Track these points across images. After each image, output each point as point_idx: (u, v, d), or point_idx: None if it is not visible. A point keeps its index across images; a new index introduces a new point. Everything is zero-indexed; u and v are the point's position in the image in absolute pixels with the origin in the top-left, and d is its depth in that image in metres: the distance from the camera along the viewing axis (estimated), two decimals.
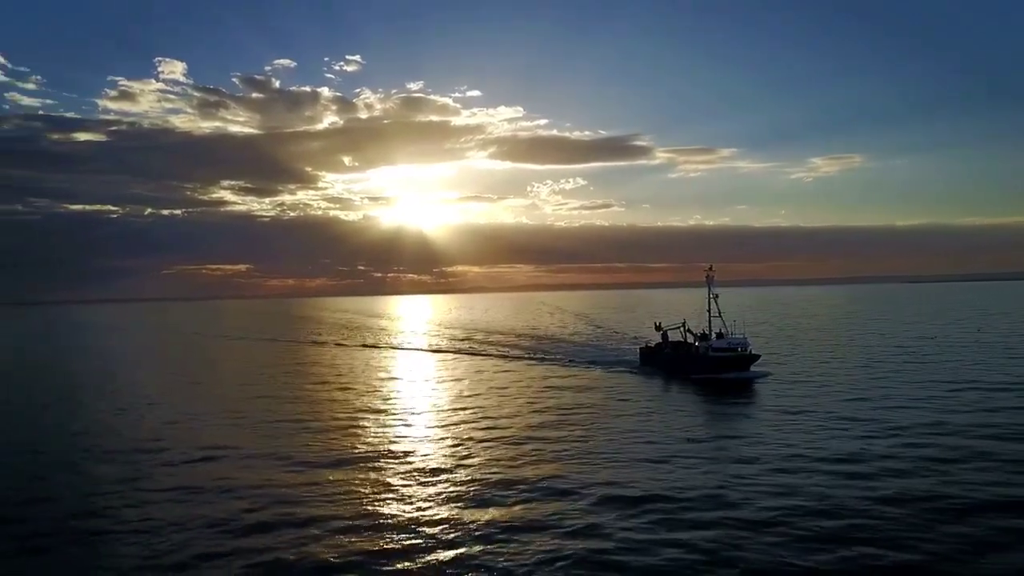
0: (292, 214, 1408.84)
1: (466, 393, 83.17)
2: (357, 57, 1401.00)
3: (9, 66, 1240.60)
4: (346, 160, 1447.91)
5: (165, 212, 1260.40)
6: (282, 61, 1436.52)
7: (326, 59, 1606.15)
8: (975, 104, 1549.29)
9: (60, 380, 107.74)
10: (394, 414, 70.40)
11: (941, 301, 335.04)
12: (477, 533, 35.45)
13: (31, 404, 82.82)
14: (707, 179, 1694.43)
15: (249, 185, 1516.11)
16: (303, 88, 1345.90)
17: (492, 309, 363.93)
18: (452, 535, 35.30)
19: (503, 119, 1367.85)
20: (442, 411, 71.40)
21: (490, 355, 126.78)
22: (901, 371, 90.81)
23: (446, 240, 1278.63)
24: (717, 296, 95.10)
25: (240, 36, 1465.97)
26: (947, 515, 36.34)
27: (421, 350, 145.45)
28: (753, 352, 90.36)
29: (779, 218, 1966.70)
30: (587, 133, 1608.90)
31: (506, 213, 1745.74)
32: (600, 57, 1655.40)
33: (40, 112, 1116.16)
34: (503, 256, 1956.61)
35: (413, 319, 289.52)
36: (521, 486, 43.43)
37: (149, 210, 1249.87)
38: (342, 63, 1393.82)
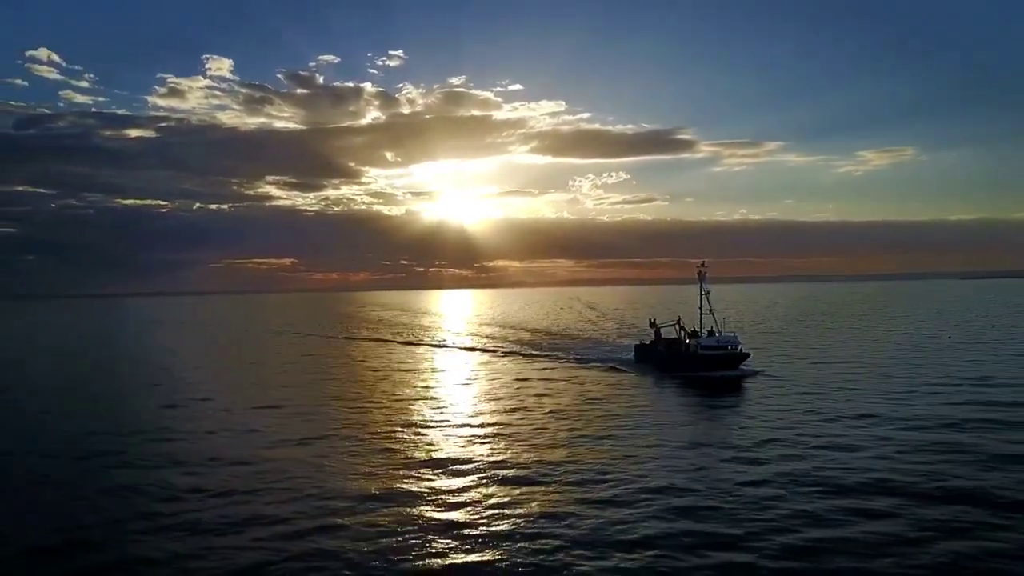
0: (336, 209, 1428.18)
1: (437, 385, 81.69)
2: (400, 52, 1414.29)
3: (64, 65, 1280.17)
4: (389, 155, 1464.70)
5: (212, 207, 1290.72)
6: (326, 57, 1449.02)
7: (369, 54, 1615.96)
8: None
9: (124, 372, 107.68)
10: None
11: (991, 298, 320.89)
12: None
13: (90, 397, 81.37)
14: (752, 173, 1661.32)
15: (294, 180, 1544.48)
16: (346, 83, 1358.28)
17: (527, 305, 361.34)
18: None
19: (545, 113, 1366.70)
20: (401, 402, 69.78)
21: (489, 351, 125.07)
22: (910, 371, 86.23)
23: (487, 235, 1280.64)
24: (709, 293, 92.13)
25: (285, 33, 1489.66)
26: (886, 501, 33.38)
27: (422, 344, 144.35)
28: (743, 351, 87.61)
29: (827, 212, 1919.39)
30: (630, 127, 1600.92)
31: (547, 208, 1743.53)
32: (644, 50, 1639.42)
33: (93, 109, 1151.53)
34: (544, 251, 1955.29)
35: (447, 316, 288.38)
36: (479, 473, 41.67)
37: (197, 205, 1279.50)
38: (385, 58, 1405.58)
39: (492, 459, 48.27)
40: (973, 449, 47.99)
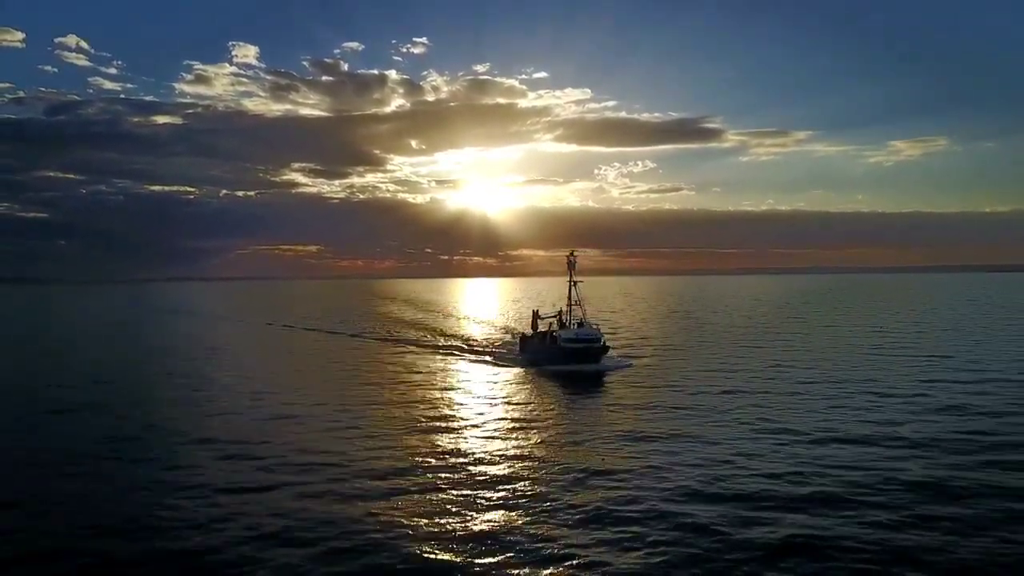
0: (361, 196, 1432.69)
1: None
2: (424, 39, 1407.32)
3: (92, 52, 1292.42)
4: (413, 143, 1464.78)
5: (239, 194, 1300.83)
6: (351, 44, 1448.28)
7: (393, 42, 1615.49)
8: None
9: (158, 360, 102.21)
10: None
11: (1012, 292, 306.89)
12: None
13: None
14: (781, 163, 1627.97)
15: (319, 167, 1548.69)
16: (371, 71, 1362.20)
17: (525, 297, 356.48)
18: None
19: (570, 101, 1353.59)
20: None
21: (396, 341, 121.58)
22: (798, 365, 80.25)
23: (511, 223, 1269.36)
24: (577, 283, 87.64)
25: (310, 20, 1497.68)
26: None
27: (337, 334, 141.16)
28: (605, 344, 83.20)
29: (857, 203, 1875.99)
30: (656, 115, 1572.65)
31: (572, 197, 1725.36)
32: (670, 37, 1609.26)
33: (121, 96, 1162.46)
34: (569, 240, 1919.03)
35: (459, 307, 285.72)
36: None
37: (224, 191, 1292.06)
38: (409, 46, 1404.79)
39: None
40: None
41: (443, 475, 40.35)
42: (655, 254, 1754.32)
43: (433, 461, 43.49)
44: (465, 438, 49.91)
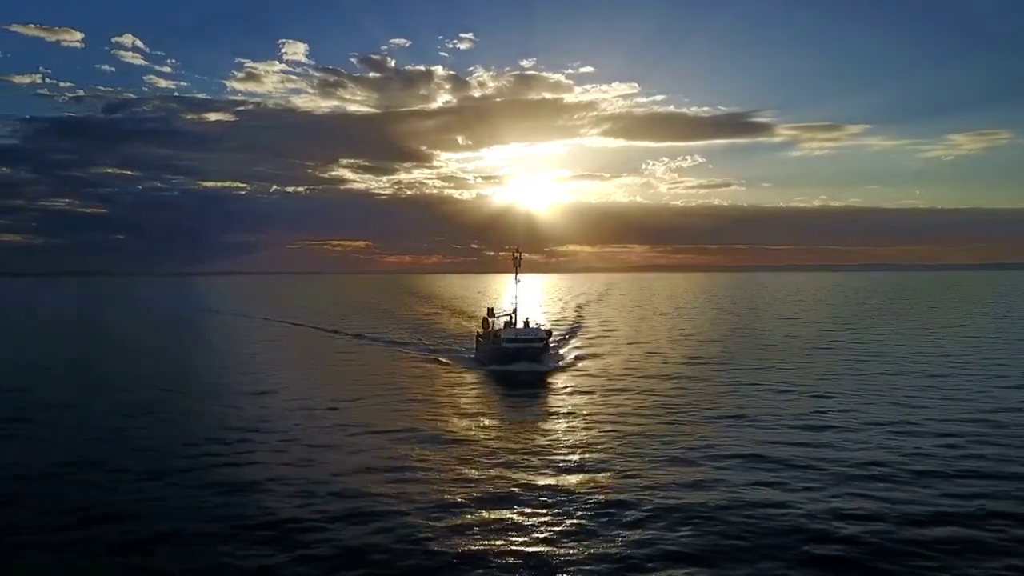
0: (408, 192, 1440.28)
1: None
2: (470, 35, 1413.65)
3: (147, 50, 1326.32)
4: (459, 139, 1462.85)
5: (289, 189, 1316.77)
6: (397, 40, 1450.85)
7: (440, 37, 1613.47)
8: None
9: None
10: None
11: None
12: None
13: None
14: (833, 157, 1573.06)
15: (367, 164, 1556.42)
16: (418, 67, 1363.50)
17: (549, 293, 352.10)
18: None
19: (617, 95, 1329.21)
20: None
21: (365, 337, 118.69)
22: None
23: (557, 219, 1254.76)
24: (519, 281, 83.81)
25: (357, 16, 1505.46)
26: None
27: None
28: (547, 344, 79.08)
29: (914, 199, 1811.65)
30: (705, 109, 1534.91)
31: (619, 192, 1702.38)
32: (719, 29, 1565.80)
33: (175, 94, 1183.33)
34: (616, 236, 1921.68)
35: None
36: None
37: (274, 187, 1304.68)
38: (455, 41, 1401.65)
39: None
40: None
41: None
42: (703, 250, 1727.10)
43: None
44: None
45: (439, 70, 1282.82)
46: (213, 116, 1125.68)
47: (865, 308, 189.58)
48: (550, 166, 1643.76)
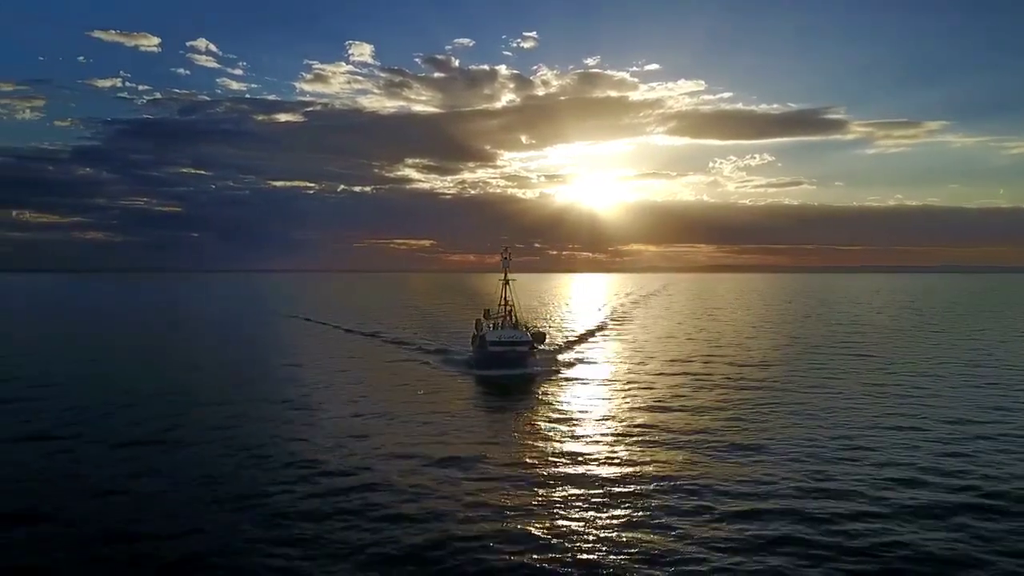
0: (472, 192, 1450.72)
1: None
2: (534, 33, 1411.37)
3: (220, 54, 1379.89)
4: (523, 138, 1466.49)
5: (356, 189, 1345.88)
6: (462, 40, 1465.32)
7: (504, 37, 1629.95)
8: None
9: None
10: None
11: None
12: None
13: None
14: (910, 155, 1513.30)
15: (432, 163, 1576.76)
16: (482, 67, 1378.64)
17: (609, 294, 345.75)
18: None
19: (683, 93, 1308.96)
20: None
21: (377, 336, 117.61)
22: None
23: (621, 218, 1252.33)
24: (508, 282, 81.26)
25: (422, 17, 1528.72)
26: None
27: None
28: (532, 347, 76.67)
29: (998, 198, 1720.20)
30: (775, 106, 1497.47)
31: (685, 191, 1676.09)
32: (788, 23, 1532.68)
33: (247, 96, 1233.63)
34: (681, 235, 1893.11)
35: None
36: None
37: (342, 187, 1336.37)
38: (519, 40, 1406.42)
39: None
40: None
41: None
42: (772, 250, 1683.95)
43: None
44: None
45: (503, 69, 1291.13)
46: (283, 117, 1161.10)
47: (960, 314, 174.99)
48: (614, 164, 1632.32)
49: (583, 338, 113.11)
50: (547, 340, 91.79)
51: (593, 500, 35.42)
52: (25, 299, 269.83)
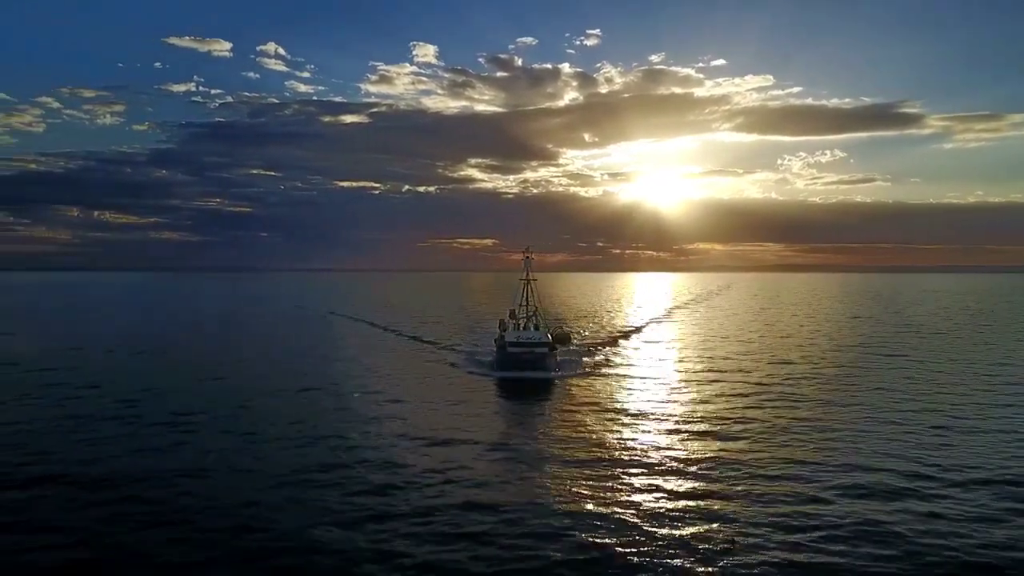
0: (534, 191, 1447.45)
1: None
2: (597, 31, 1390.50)
3: (288, 57, 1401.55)
4: (586, 136, 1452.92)
5: (420, 189, 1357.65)
6: (525, 39, 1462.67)
7: (566, 35, 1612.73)
8: None
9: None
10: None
11: None
12: None
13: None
14: (992, 149, 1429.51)
15: (494, 163, 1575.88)
16: (544, 65, 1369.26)
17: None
18: None
19: (750, 88, 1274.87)
20: None
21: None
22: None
23: (687, 216, 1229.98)
24: (528, 282, 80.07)
25: (485, 17, 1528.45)
26: None
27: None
28: (553, 349, 74.83)
29: None
30: (846, 100, 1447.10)
31: (753, 188, 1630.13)
32: (861, 13, 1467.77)
33: (314, 98, 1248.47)
34: (749, 234, 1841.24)
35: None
36: None
37: (406, 187, 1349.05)
38: (582, 38, 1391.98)
39: None
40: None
41: None
42: (843, 249, 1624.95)
43: None
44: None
45: (566, 68, 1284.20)
46: (348, 118, 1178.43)
47: None
48: (679, 162, 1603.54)
49: (617, 339, 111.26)
50: (573, 341, 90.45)
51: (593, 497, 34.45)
52: (131, 295, 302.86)
